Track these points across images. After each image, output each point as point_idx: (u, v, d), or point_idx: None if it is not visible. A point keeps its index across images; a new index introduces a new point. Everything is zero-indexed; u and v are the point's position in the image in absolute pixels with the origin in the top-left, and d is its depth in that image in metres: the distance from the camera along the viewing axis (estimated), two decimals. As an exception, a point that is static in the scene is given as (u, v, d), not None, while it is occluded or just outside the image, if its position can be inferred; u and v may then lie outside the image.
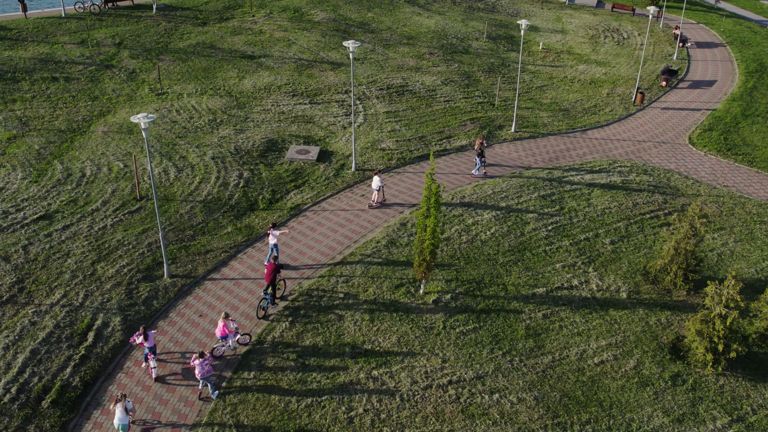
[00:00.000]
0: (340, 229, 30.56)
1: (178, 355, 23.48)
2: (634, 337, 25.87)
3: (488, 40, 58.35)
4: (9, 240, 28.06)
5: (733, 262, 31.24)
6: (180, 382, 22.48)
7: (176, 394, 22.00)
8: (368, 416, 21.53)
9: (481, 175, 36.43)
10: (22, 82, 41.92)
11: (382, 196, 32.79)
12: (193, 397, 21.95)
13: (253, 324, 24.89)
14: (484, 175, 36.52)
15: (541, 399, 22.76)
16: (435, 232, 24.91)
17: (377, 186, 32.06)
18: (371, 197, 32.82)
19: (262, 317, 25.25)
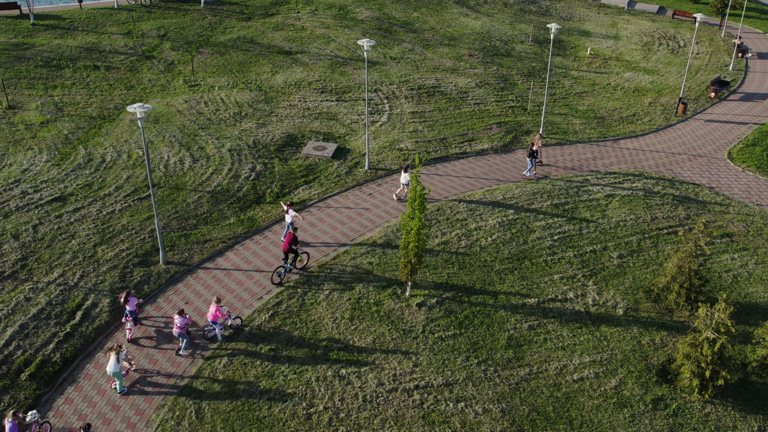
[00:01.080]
0: (340, 227, 30.65)
1: (155, 341, 24.11)
2: (621, 356, 24.88)
3: (533, 44, 57.20)
4: (22, 219, 29.46)
5: (748, 285, 29.61)
6: (154, 345, 23.19)
7: (144, 353, 22.70)
8: (327, 414, 21.53)
9: (532, 176, 36.24)
10: (66, 69, 43.88)
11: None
12: (158, 355, 23.03)
13: (243, 306, 25.31)
14: (534, 176, 36.28)
15: (508, 412, 22.19)
16: (419, 235, 24.66)
17: (406, 181, 32.33)
18: (397, 190, 33.25)
19: (276, 283, 26.65)
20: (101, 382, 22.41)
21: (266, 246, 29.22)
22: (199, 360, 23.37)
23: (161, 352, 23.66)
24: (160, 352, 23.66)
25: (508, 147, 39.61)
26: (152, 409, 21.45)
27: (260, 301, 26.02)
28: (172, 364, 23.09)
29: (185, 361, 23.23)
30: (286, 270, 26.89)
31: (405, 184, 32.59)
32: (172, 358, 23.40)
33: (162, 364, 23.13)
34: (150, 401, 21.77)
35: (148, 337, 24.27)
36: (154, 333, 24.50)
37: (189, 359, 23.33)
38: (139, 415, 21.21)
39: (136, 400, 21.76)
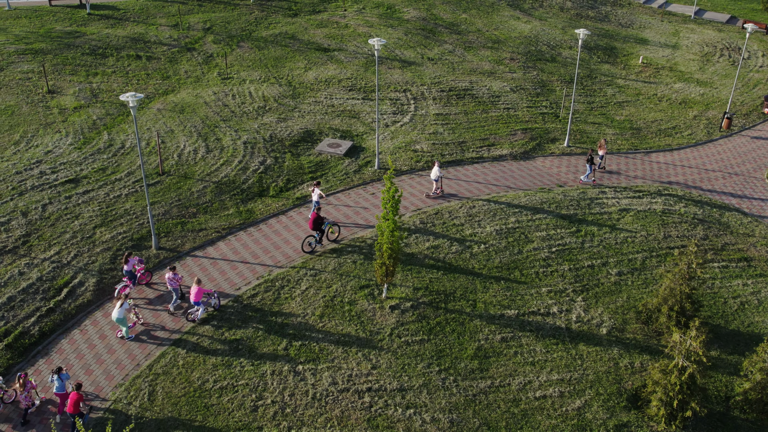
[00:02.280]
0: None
1: (134, 320, 24.93)
2: (593, 377, 23.88)
3: (582, 50, 55.48)
4: (34, 198, 31.05)
5: (756, 313, 27.82)
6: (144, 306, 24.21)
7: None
8: (273, 408, 21.69)
9: (590, 182, 35.81)
10: (109, 58, 45.88)
11: (440, 186, 33.05)
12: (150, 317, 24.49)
13: (220, 296, 25.84)
14: (593, 182, 35.80)
15: (458, 423, 21.70)
16: (393, 237, 24.45)
17: (436, 176, 32.46)
18: (431, 188, 33.53)
19: (308, 252, 28.49)
20: (70, 357, 23.37)
21: (257, 238, 29.67)
22: (166, 344, 24.01)
23: (155, 315, 25.25)
24: (153, 315, 25.16)
25: (529, 154, 38.64)
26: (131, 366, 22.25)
27: (238, 291, 26.46)
28: (172, 320, 23.94)
29: (172, 323, 24.85)
30: (316, 240, 28.47)
31: (435, 180, 32.72)
32: (165, 317, 25.14)
33: (163, 319, 24.71)
34: (143, 350, 22.55)
35: (145, 298, 25.96)
36: (152, 296, 26.24)
37: (177, 320, 24.94)
38: (119, 370, 22.03)
39: (119, 356, 22.59)
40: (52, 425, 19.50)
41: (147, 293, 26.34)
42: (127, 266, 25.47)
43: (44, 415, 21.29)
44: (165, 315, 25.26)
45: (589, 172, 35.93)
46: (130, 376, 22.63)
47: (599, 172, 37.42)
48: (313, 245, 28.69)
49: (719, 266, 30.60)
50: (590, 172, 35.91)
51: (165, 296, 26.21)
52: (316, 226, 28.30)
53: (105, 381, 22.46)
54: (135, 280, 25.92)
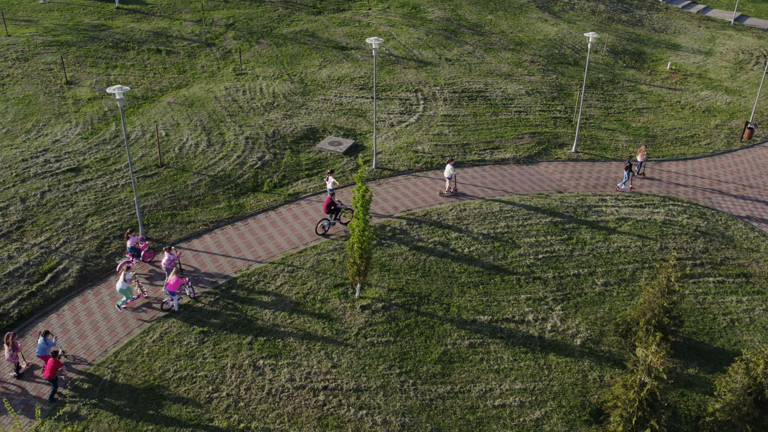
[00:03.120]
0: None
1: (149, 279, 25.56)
2: (558, 388, 23.34)
3: (608, 54, 54.21)
4: (35, 185, 32.08)
5: (745, 332, 26.76)
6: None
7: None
8: (227, 401, 21.90)
9: (627, 189, 35.47)
10: (131, 51, 47.03)
11: (454, 185, 33.43)
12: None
13: (197, 288, 26.26)
14: (631, 189, 35.47)
15: (409, 427, 21.51)
16: (362, 236, 24.39)
17: (449, 175, 32.75)
18: (444, 186, 33.74)
19: (321, 234, 29.77)
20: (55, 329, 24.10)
21: (243, 233, 29.99)
22: (136, 330, 24.51)
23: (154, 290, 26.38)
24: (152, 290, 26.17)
25: (533, 158, 37.97)
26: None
27: (214, 284, 26.79)
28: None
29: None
30: (330, 222, 29.81)
31: (448, 178, 32.96)
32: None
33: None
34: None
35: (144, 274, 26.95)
36: (150, 273, 27.45)
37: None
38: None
39: (103, 332, 23.23)
40: (37, 413, 20.22)
41: (148, 272, 27.30)
42: (129, 243, 26.94)
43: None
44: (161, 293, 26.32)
45: (626, 179, 35.40)
46: (96, 362, 23.19)
47: (638, 178, 36.99)
48: (326, 228, 29.95)
49: (714, 281, 29.52)
50: (627, 179, 35.37)
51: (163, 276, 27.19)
52: (330, 210, 29.65)
53: (83, 356, 23.07)
54: (139, 254, 27.46)
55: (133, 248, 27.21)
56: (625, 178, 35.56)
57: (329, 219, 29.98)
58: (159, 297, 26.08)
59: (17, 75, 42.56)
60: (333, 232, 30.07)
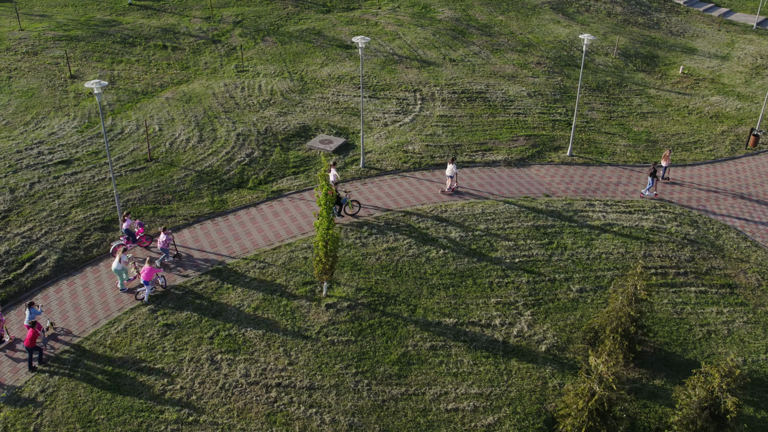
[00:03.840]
0: (300, 219, 30.92)
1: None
2: (515, 394, 23.05)
3: (618, 57, 53.27)
4: (26, 176, 32.82)
5: (721, 344, 26.09)
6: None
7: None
8: (180, 393, 22.13)
9: (652, 196, 35.12)
10: (137, 47, 47.79)
11: (455, 183, 33.57)
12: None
13: (167, 280, 26.61)
14: (655, 196, 35.14)
15: (357, 427, 21.46)
16: (326, 235, 24.42)
17: (451, 173, 33.01)
18: (446, 185, 33.88)
19: None
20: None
21: (221, 228, 30.26)
22: (103, 321, 24.92)
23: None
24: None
25: (525, 161, 37.54)
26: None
27: (185, 278, 27.09)
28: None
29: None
30: (335, 212, 29.66)
31: (450, 176, 33.19)
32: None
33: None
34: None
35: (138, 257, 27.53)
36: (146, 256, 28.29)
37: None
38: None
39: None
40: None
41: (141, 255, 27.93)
42: (125, 225, 27.90)
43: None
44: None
45: (651, 185, 34.89)
46: (59, 350, 23.63)
47: (662, 183, 36.66)
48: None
49: (696, 291, 28.83)
50: (651, 185, 34.86)
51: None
52: (335, 202, 29.99)
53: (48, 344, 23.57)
54: (133, 238, 28.20)
55: (128, 231, 28.05)
56: (649, 184, 34.94)
57: (333, 209, 30.01)
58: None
59: (24, 68, 43.60)
60: (337, 221, 30.46)
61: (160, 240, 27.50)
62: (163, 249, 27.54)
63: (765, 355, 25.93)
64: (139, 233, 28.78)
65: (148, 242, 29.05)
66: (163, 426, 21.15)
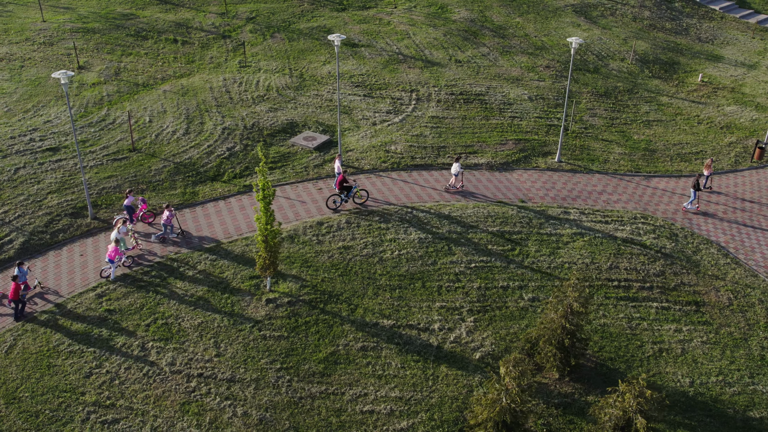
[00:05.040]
0: (264, 214, 31.22)
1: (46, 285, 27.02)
2: (436, 401, 22.73)
3: (635, 63, 51.65)
4: (13, 161, 34.19)
5: (671, 364, 25.12)
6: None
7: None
8: (104, 377, 22.71)
9: (694, 209, 34.34)
10: (149, 40, 49.10)
11: (461, 181, 33.99)
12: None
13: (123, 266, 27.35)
14: (697, 209, 34.36)
15: (267, 422, 21.58)
16: (266, 231, 24.62)
17: (456, 171, 33.37)
18: (449, 181, 34.35)
19: (332, 209, 31.44)
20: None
21: (187, 219, 30.85)
22: (49, 305, 25.77)
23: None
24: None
25: (509, 166, 36.88)
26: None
27: (139, 264, 27.74)
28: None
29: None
30: (342, 199, 31.35)
31: (455, 175, 33.48)
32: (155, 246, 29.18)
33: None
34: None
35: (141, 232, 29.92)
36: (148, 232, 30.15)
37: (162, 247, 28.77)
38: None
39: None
40: None
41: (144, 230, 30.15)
42: (126, 201, 29.50)
43: None
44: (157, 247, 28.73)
45: (693, 198, 33.92)
46: (3, 330, 24.58)
47: (705, 192, 35.96)
48: (338, 203, 31.64)
49: (658, 306, 27.79)
50: (694, 198, 33.89)
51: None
52: (342, 188, 31.18)
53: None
54: (131, 214, 29.62)
55: (129, 207, 29.56)
56: (692, 197, 33.90)
57: (341, 196, 31.34)
58: (151, 249, 28.65)
59: (37, 58, 45.39)
60: (345, 209, 31.55)
61: (163, 216, 28.76)
62: (165, 225, 28.86)
63: (716, 377, 24.79)
64: (142, 209, 30.32)
65: (152, 219, 30.47)
66: (80, 407, 21.76)
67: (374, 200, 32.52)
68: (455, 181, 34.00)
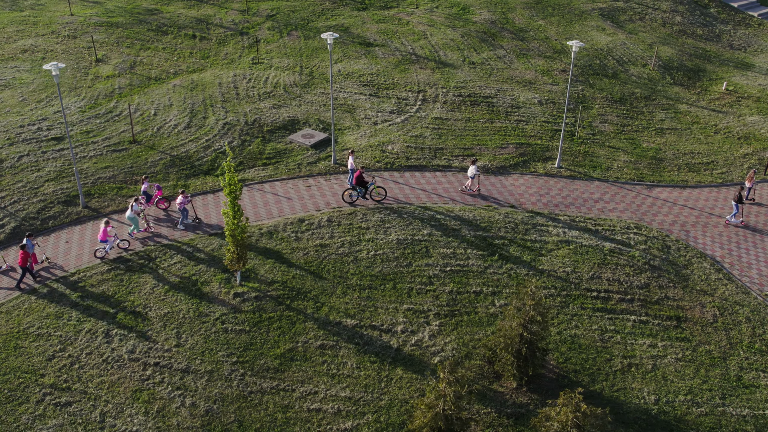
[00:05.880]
0: (249, 209, 31.55)
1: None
2: (386, 403, 22.61)
3: (657, 68, 50.21)
4: (18, 149, 35.42)
5: (641, 380, 24.42)
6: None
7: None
8: (66, 361, 23.35)
9: (738, 223, 33.72)
10: (168, 35, 50.17)
11: (477, 184, 34.10)
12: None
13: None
14: (741, 223, 33.74)
15: (213, 414, 21.83)
16: (234, 224, 24.90)
17: (472, 174, 33.52)
18: (464, 183, 34.52)
19: (348, 202, 32.03)
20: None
21: (173, 211, 31.42)
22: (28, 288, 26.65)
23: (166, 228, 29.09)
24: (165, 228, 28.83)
25: (506, 170, 36.35)
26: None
27: (119, 253, 28.41)
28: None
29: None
30: (359, 194, 31.84)
31: (471, 177, 33.57)
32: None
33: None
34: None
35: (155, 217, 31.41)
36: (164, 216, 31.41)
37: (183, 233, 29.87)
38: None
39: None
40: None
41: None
42: (143, 186, 31.05)
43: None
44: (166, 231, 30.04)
45: (736, 212, 33.27)
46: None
47: (748, 203, 35.29)
48: (354, 197, 32.15)
49: (636, 320, 27.02)
50: (737, 211, 33.26)
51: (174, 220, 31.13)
52: (360, 183, 31.65)
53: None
54: (148, 199, 30.86)
55: (146, 192, 30.88)
56: (735, 211, 33.20)
57: (358, 190, 31.84)
58: (161, 233, 29.81)
59: (59, 51, 46.91)
60: (361, 204, 32.02)
61: (178, 201, 29.56)
62: (180, 211, 29.69)
63: (684, 396, 23.95)
64: (157, 195, 31.22)
65: (166, 205, 31.57)
66: (38, 389, 22.44)
67: (361, 200, 32.51)
68: (471, 184, 33.97)
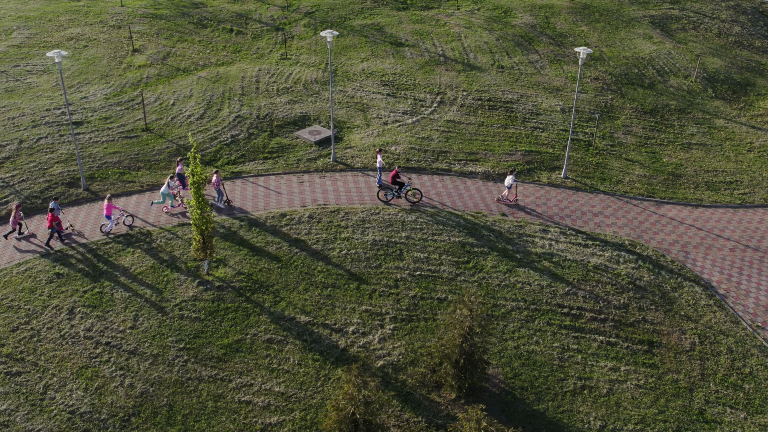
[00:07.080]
0: (238, 201, 32.16)
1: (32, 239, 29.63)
2: (317, 401, 22.62)
3: (699, 80, 47.68)
4: (41, 131, 37.44)
5: (591, 404, 23.42)
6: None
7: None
8: (27, 333, 24.54)
9: None
10: (207, 29, 51.70)
11: (514, 194, 33.81)
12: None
13: (87, 233, 29.38)
14: None
15: (146, 396, 22.44)
16: (198, 216, 25.50)
17: (509, 184, 33.11)
18: (501, 192, 34.08)
19: (381, 200, 32.39)
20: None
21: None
22: (14, 261, 28.16)
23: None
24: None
25: (506, 177, 35.44)
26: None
27: (103, 236, 29.60)
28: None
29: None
30: (393, 193, 32.30)
31: (508, 187, 33.08)
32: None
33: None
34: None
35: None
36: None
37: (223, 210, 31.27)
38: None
39: None
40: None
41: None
42: (177, 168, 32.42)
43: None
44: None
45: None
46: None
47: None
48: (389, 197, 32.46)
49: (603, 340, 25.87)
50: None
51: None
52: (395, 182, 32.14)
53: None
54: (183, 180, 32.12)
55: (180, 175, 32.21)
56: None
57: (393, 189, 32.49)
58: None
59: (102, 39, 49.21)
60: (396, 202, 32.41)
61: (213, 181, 31.03)
62: (217, 190, 31.05)
63: (634, 426, 22.74)
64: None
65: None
66: (-6, 358, 23.74)
67: (348, 198, 32.55)
68: (508, 194, 33.35)
